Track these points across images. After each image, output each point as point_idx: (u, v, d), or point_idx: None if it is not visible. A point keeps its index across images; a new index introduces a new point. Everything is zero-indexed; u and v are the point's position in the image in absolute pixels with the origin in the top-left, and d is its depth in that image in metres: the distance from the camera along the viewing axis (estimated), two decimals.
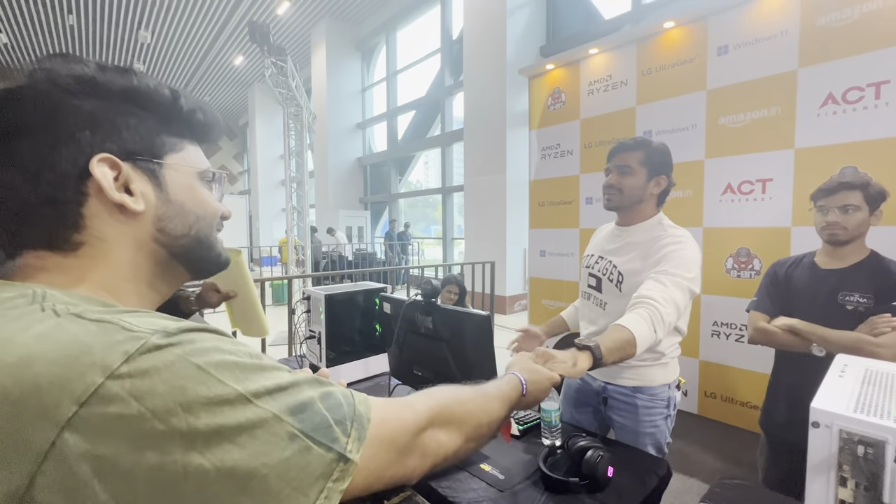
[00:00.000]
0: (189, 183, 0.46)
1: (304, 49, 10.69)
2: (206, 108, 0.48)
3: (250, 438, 0.31)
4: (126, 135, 0.41)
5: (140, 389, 0.28)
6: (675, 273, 1.10)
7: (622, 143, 1.25)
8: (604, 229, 1.45)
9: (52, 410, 0.27)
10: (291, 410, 0.34)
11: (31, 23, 8.46)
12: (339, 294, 1.57)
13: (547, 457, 1.01)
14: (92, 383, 0.28)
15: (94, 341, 0.30)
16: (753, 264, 2.41)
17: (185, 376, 0.30)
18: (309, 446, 0.34)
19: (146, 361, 0.29)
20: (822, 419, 0.51)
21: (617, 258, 1.28)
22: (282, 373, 0.36)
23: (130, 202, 0.40)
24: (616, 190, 1.24)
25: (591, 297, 1.35)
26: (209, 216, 0.47)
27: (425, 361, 1.22)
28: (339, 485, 0.35)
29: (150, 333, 0.31)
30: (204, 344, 0.33)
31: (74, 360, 0.28)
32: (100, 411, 0.27)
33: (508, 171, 5.80)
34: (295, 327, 2.72)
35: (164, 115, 0.44)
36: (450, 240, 8.32)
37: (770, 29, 2.30)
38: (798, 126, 2.22)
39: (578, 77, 3.19)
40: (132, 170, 0.41)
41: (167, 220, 0.43)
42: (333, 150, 10.16)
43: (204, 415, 0.30)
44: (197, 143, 0.49)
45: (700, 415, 2.64)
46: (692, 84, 2.59)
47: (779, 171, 2.29)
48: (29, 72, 0.38)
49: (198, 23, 8.89)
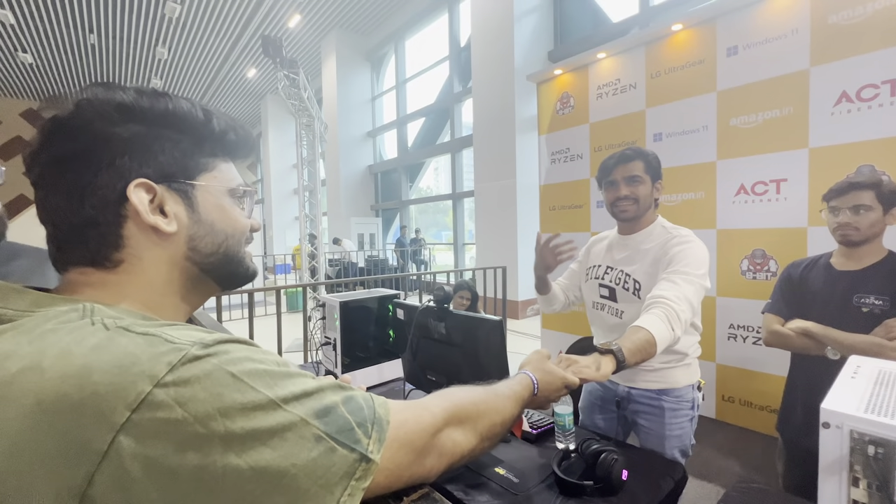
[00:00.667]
0: (219, 202, 0.48)
1: (314, 60, 10.89)
2: (238, 126, 0.50)
3: (281, 441, 0.34)
4: (161, 158, 0.43)
5: (183, 396, 0.31)
6: (686, 271, 1.11)
7: (623, 155, 1.26)
8: (601, 240, 1.44)
9: (108, 415, 0.30)
10: (317, 414, 0.37)
11: (54, 43, 8.80)
12: (353, 301, 1.60)
13: (561, 460, 1.01)
14: (142, 391, 0.30)
15: (142, 352, 0.33)
16: (769, 265, 2.38)
17: (222, 384, 0.33)
18: (334, 447, 0.36)
19: (188, 371, 0.32)
20: (833, 420, 0.51)
21: (629, 267, 1.28)
22: (307, 379, 0.39)
23: (163, 224, 0.43)
24: (632, 200, 1.25)
25: (604, 307, 1.35)
26: (238, 233, 0.50)
27: (439, 366, 1.24)
28: (361, 483, 0.37)
29: (190, 345, 0.34)
30: (237, 354, 0.36)
31: (126, 370, 0.31)
32: (149, 416, 0.30)
33: (518, 175, 5.80)
34: (310, 334, 2.76)
35: (198, 136, 0.46)
36: (461, 245, 8.33)
37: (780, 28, 2.29)
38: (812, 125, 2.19)
39: (587, 81, 3.20)
40: (167, 192, 0.44)
41: (198, 240, 0.46)
42: (345, 158, 10.30)
43: (240, 419, 0.32)
44: (229, 160, 0.51)
45: (718, 419, 2.60)
46: (702, 86, 2.58)
47: (793, 171, 2.27)
48: (75, 101, 0.41)
49: (212, 38, 9.14)
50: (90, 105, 0.40)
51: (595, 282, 1.36)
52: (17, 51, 8.98)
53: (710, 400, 2.64)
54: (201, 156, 0.47)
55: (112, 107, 0.41)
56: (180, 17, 8.04)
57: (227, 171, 0.50)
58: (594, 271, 1.38)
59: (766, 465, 1.53)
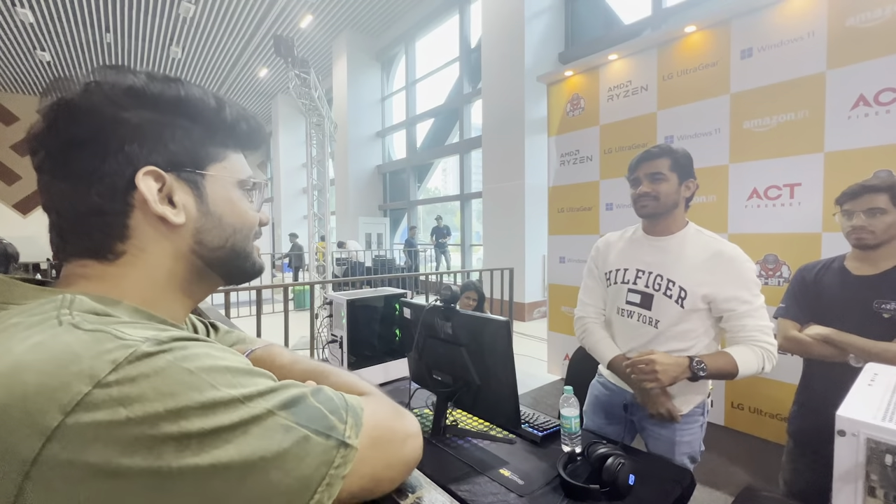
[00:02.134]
0: (228, 195, 0.46)
1: (325, 60, 10.96)
2: (250, 115, 0.48)
3: (244, 435, 0.31)
4: (172, 146, 0.41)
5: (128, 396, 0.28)
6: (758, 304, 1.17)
7: (647, 152, 1.23)
8: (616, 241, 1.38)
9: (37, 419, 0.27)
10: (284, 405, 0.34)
11: (72, 42, 8.96)
12: (360, 299, 1.61)
13: (567, 463, 1.00)
14: (78, 392, 0.28)
15: (84, 350, 0.30)
16: (782, 271, 2.34)
17: (177, 381, 0.30)
18: (307, 436, 0.34)
19: (135, 369, 0.29)
20: (849, 427, 0.50)
21: (671, 273, 1.21)
22: (269, 379, 0.37)
23: (171, 215, 0.41)
24: (651, 197, 1.22)
25: (632, 314, 1.28)
26: (246, 227, 0.48)
27: (444, 366, 1.24)
28: (340, 471, 0.35)
29: (141, 342, 0.31)
30: (196, 350, 0.33)
31: (62, 370, 0.28)
32: (87, 420, 0.27)
33: (527, 177, 5.78)
34: (317, 331, 2.77)
35: (209, 125, 0.44)
36: (468, 246, 8.32)
37: (796, 31, 2.25)
38: (827, 129, 2.16)
39: (598, 83, 3.18)
40: (176, 181, 0.42)
41: (205, 233, 0.44)
42: (353, 158, 10.34)
43: (197, 419, 0.30)
44: (240, 151, 0.48)
45: (727, 426, 2.56)
46: (715, 88, 2.55)
47: (808, 176, 2.23)
48: (83, 84, 0.39)
49: (225, 38, 9.24)
50: (99, 88, 0.38)
51: (623, 287, 1.29)
52: (36, 49, 9.16)
53: (719, 407, 2.61)
54: (212, 145, 0.44)
55: (122, 90, 0.39)
56: (194, 16, 8.15)
57: (238, 163, 0.47)
58: (618, 275, 1.30)
59: (775, 473, 1.49)
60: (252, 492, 0.31)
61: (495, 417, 1.23)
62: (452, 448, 1.15)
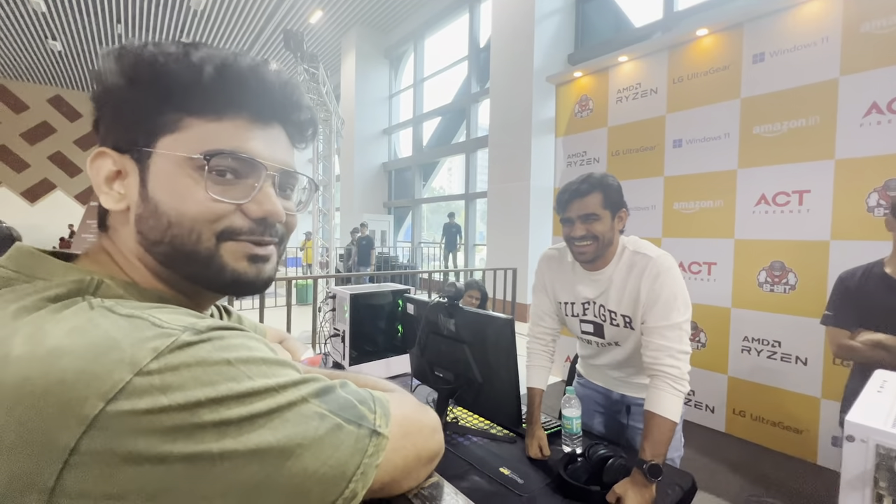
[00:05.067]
0: (171, 176, 0.37)
1: (334, 56, 10.98)
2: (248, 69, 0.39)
3: (281, 421, 0.31)
4: (126, 119, 0.37)
5: (170, 385, 0.28)
6: (671, 321, 1.07)
7: (576, 190, 1.13)
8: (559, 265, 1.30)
9: (77, 407, 0.26)
10: (316, 394, 0.35)
11: (83, 32, 9.02)
12: (363, 294, 1.61)
13: (567, 464, 1.00)
14: (119, 380, 0.27)
15: (124, 337, 0.29)
16: (788, 278, 2.32)
17: (216, 371, 0.30)
18: (340, 424, 0.34)
19: (176, 358, 0.29)
20: (858, 433, 0.50)
21: (610, 303, 1.19)
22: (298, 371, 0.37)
23: (110, 201, 0.38)
24: (589, 240, 1.13)
25: (591, 341, 1.29)
26: (188, 220, 0.37)
27: (447, 363, 1.23)
28: (374, 460, 0.36)
29: (181, 330, 0.31)
30: (233, 341, 0.33)
31: (103, 356, 0.28)
32: (128, 408, 0.27)
33: (533, 178, 5.77)
34: (319, 326, 2.78)
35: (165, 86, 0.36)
36: (471, 246, 8.31)
37: (810, 36, 2.23)
38: (839, 136, 2.14)
39: (607, 85, 3.16)
40: (128, 161, 0.38)
41: (142, 222, 0.38)
42: (360, 154, 10.36)
43: (235, 407, 0.30)
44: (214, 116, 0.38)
45: (727, 433, 2.55)
46: (725, 92, 2.53)
47: (817, 183, 2.21)
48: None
49: (235, 31, 9.27)
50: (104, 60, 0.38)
51: (575, 319, 1.29)
52: (48, 38, 9.22)
53: (720, 413, 2.59)
54: (166, 111, 0.37)
55: (111, 60, 0.37)
56: (205, 9, 8.18)
57: (200, 133, 0.37)
58: (568, 308, 1.29)
59: (776, 481, 1.48)
60: (289, 480, 0.31)
61: (496, 416, 1.23)
62: (453, 445, 1.15)
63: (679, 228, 2.75)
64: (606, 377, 1.36)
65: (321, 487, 0.33)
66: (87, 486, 0.26)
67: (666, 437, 0.99)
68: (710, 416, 2.63)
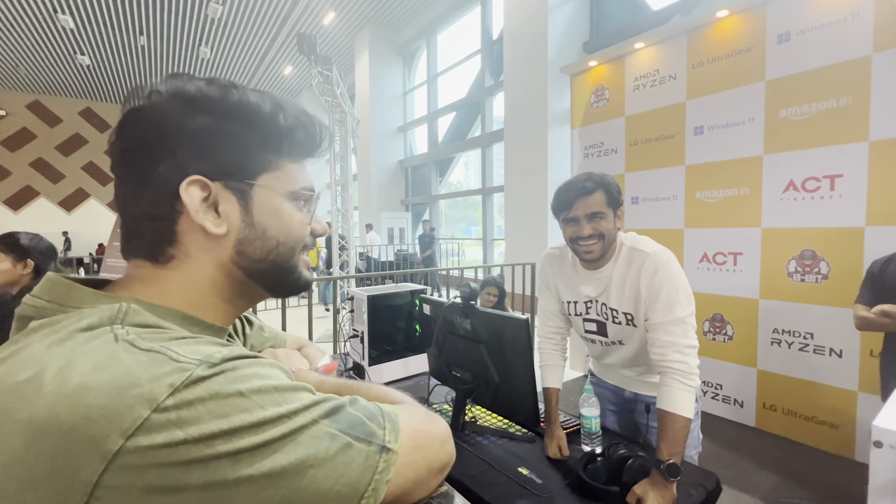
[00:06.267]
0: (276, 206, 0.44)
1: (348, 56, 11.05)
2: (310, 121, 0.46)
3: (294, 445, 0.33)
4: (221, 154, 0.41)
5: (185, 420, 0.30)
6: (675, 316, 1.06)
7: (583, 187, 1.12)
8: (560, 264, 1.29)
9: (100, 443, 0.28)
10: (326, 414, 0.36)
11: (109, 46, 9.35)
12: (380, 295, 1.62)
13: (587, 464, 0.99)
14: (139, 416, 0.29)
15: (143, 373, 0.31)
16: (820, 267, 2.22)
17: (229, 404, 0.32)
18: (349, 443, 0.36)
19: (191, 393, 0.31)
20: (887, 439, 0.48)
21: (612, 301, 1.18)
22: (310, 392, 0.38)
23: (211, 225, 0.41)
24: (596, 238, 1.12)
25: (595, 340, 1.28)
26: (292, 241, 0.46)
27: (464, 363, 1.24)
28: (384, 475, 0.37)
29: (196, 365, 0.32)
30: (245, 371, 0.35)
31: (124, 393, 0.29)
32: (146, 443, 0.28)
33: (550, 171, 5.68)
34: (339, 326, 2.82)
35: (262, 132, 0.43)
36: (490, 241, 8.27)
37: (839, 12, 2.12)
38: (873, 116, 2.03)
39: (623, 73, 3.08)
40: (222, 190, 0.41)
41: (247, 244, 0.43)
42: (376, 153, 10.42)
43: (248, 437, 0.31)
44: (297, 159, 0.47)
45: (758, 427, 2.47)
46: (749, 75, 2.43)
47: (850, 166, 2.10)
48: (148, 92, 0.40)
49: (251, 37, 9.44)
50: (160, 95, 0.40)
51: (578, 318, 1.28)
52: (76, 53, 9.61)
53: (750, 407, 2.52)
54: (264, 153, 0.43)
55: (180, 98, 0.40)
56: (222, 17, 8.35)
57: (293, 172, 0.46)
58: (571, 307, 1.28)
59: (809, 478, 1.43)
60: (304, 499, 0.33)
61: (514, 415, 1.23)
62: (471, 445, 1.16)
63: (702, 218, 2.67)
64: (619, 376, 1.34)
65: None
66: None
67: (681, 435, 0.98)
68: (738, 411, 2.56)
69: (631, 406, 1.33)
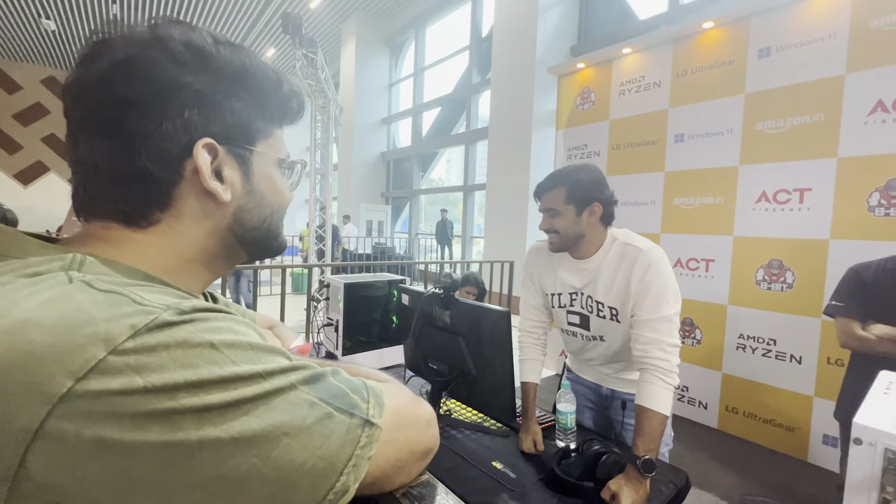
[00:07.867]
0: (270, 173, 0.44)
1: (334, 43, 10.82)
2: (300, 92, 0.47)
3: (267, 408, 0.29)
4: (229, 118, 0.39)
5: (146, 366, 0.26)
6: (661, 314, 1.07)
7: (540, 184, 1.18)
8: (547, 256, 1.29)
9: (44, 384, 0.24)
10: (305, 381, 0.33)
11: (78, 11, 8.82)
12: (357, 284, 1.58)
13: (560, 459, 0.99)
14: (92, 357, 0.25)
15: (100, 312, 0.27)
16: (786, 277, 2.31)
17: (197, 354, 0.28)
18: (330, 413, 0.33)
19: (154, 338, 0.27)
20: (866, 436, 0.48)
21: (597, 294, 1.18)
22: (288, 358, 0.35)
23: (221, 191, 0.39)
24: (553, 233, 1.17)
25: (577, 333, 1.28)
26: (283, 208, 0.47)
27: (441, 355, 1.21)
28: (366, 451, 0.34)
29: (162, 309, 0.29)
30: (218, 323, 0.31)
31: (75, 331, 0.26)
32: (100, 387, 0.25)
33: (532, 170, 5.73)
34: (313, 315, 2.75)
35: (266, 100, 0.42)
36: (468, 238, 8.29)
37: (817, 31, 2.20)
38: (843, 134, 2.12)
39: (610, 77, 3.12)
40: (227, 155, 0.40)
41: (246, 212, 0.42)
42: (358, 143, 10.26)
43: (217, 392, 0.28)
44: (281, 127, 0.47)
45: (720, 429, 2.56)
46: (730, 87, 2.50)
47: (819, 181, 2.19)
48: (146, 39, 0.36)
49: (233, 15, 9.10)
50: (164, 45, 0.36)
51: (562, 310, 1.28)
52: (41, 17, 9.02)
53: (713, 410, 2.60)
54: (263, 120, 0.43)
55: (190, 52, 0.37)
56: None
57: (280, 140, 0.46)
58: (555, 299, 1.28)
59: (769, 478, 1.49)
60: (275, 471, 0.29)
61: (490, 409, 1.21)
62: (445, 438, 1.13)
63: (678, 224, 2.74)
64: (597, 372, 1.35)
65: (310, 480, 0.31)
66: (54, 475, 0.24)
67: (658, 432, 0.99)
68: (702, 413, 2.64)
69: (607, 403, 1.34)
